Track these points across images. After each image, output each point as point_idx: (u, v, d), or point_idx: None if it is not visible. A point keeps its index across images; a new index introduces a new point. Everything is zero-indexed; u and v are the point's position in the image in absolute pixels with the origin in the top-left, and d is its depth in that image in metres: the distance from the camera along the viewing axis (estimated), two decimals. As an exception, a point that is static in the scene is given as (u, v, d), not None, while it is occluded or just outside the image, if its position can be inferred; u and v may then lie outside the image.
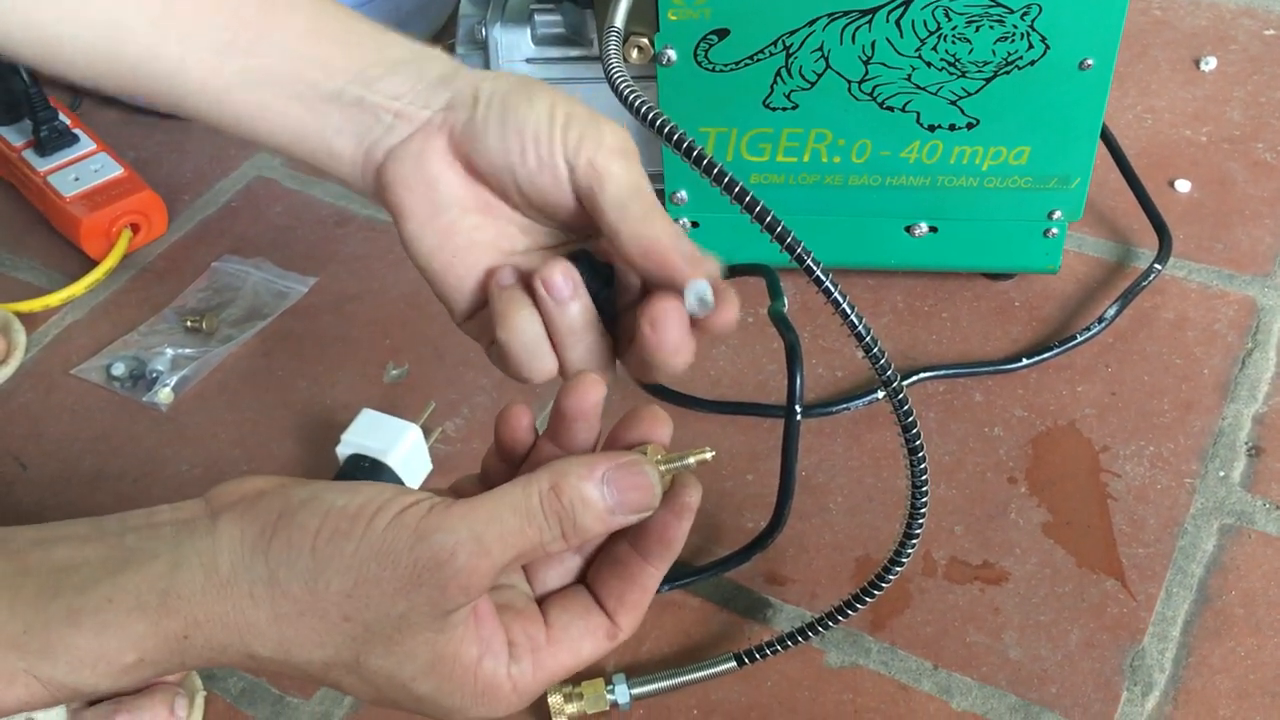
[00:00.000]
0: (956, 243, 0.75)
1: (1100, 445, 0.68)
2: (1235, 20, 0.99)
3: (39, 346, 0.79)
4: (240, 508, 0.41)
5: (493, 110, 0.47)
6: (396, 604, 0.38)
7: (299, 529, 0.39)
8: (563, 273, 0.46)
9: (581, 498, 0.40)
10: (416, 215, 0.48)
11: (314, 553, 0.38)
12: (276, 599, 0.39)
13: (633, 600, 0.44)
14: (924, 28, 0.65)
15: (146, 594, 0.39)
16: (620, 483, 0.41)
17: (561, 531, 0.40)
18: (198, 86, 0.49)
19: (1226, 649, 0.59)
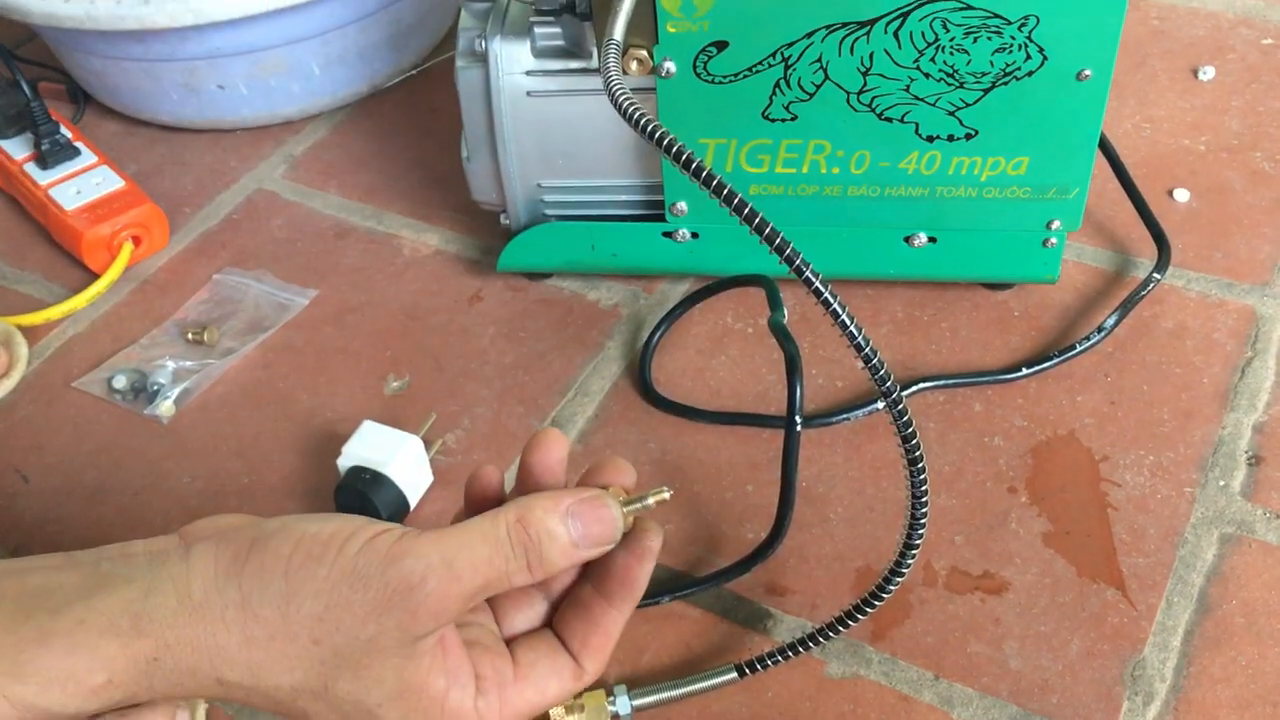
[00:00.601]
0: (955, 253, 0.75)
1: (1100, 455, 0.68)
2: (1233, 30, 0.99)
3: (41, 359, 0.79)
4: (215, 538, 0.41)
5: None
6: (366, 627, 0.39)
7: (272, 554, 0.39)
8: None
9: (547, 530, 0.41)
10: None
11: (286, 577, 0.39)
12: (248, 622, 0.39)
13: (596, 644, 0.45)
14: (922, 39, 0.65)
15: (119, 616, 0.39)
16: (584, 516, 0.42)
17: (527, 562, 0.41)
18: None
19: (1227, 658, 0.59)
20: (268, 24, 0.88)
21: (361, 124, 0.97)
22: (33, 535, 0.69)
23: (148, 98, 0.95)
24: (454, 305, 0.81)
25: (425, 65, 1.01)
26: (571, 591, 0.47)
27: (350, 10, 0.92)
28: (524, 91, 0.73)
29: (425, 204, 0.89)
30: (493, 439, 0.72)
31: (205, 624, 0.39)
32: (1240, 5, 1.01)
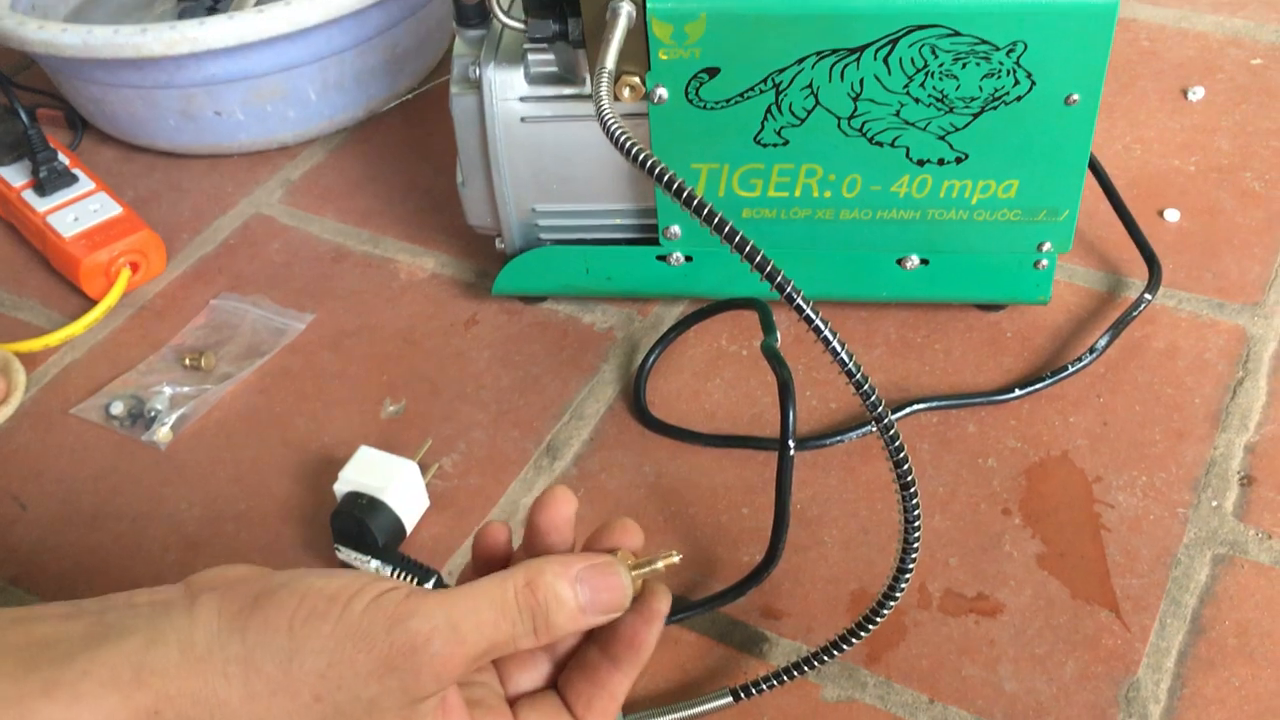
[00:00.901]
0: (948, 275, 0.76)
1: (1093, 476, 0.69)
2: (1222, 50, 1.00)
3: (38, 386, 0.80)
4: (220, 590, 0.41)
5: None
6: (369, 687, 0.39)
7: (277, 609, 0.39)
8: None
9: (556, 595, 0.41)
10: None
11: (290, 632, 0.39)
12: (250, 677, 0.39)
13: (601, 706, 0.45)
14: (911, 65, 0.66)
15: (121, 668, 0.39)
16: (594, 582, 0.42)
17: (534, 626, 0.41)
18: None
19: (1221, 680, 0.59)
20: (264, 51, 0.89)
21: (357, 149, 0.98)
22: (30, 562, 0.69)
23: (145, 124, 0.95)
24: (450, 329, 0.81)
25: (420, 90, 1.01)
26: (577, 653, 0.47)
27: (346, 37, 0.92)
28: (518, 117, 0.73)
29: (421, 228, 0.89)
30: (488, 463, 0.72)
31: (207, 677, 0.39)
32: (1229, 25, 1.02)
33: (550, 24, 0.69)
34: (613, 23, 0.65)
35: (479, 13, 0.74)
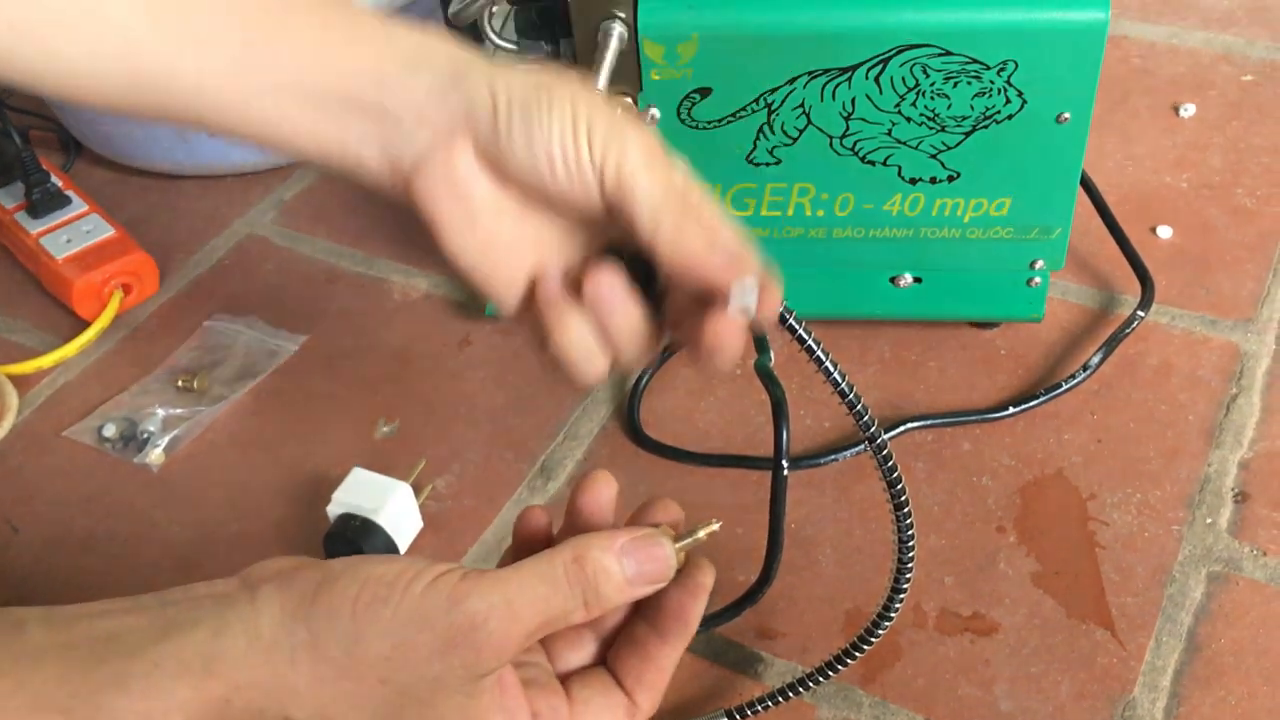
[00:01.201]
0: (941, 293, 0.76)
1: (1088, 493, 0.69)
2: (1213, 66, 1.00)
3: (31, 408, 0.80)
4: (279, 580, 0.42)
5: (515, 122, 0.45)
6: (432, 666, 0.40)
7: (339, 595, 0.40)
8: (608, 280, 0.46)
9: (603, 567, 0.42)
10: (453, 226, 0.47)
11: (354, 617, 0.40)
12: (317, 662, 0.40)
13: (650, 679, 0.46)
14: (903, 84, 0.66)
15: (191, 658, 0.40)
16: (638, 554, 0.43)
17: (584, 600, 0.42)
18: (219, 103, 0.48)
19: (1217, 698, 0.59)
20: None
21: (351, 169, 0.98)
22: (23, 585, 0.69)
23: (138, 145, 0.95)
24: (443, 350, 0.81)
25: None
26: (624, 629, 0.48)
27: (339, 57, 0.92)
28: (511, 138, 0.73)
29: (415, 248, 0.89)
30: (482, 483, 0.72)
31: (274, 665, 0.40)
32: (1220, 42, 1.03)
33: (542, 45, 0.69)
34: (604, 44, 0.65)
35: (472, 34, 0.74)
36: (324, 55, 0.47)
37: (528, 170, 0.46)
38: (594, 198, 0.46)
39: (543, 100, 0.45)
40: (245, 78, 0.47)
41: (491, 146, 0.46)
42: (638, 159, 0.45)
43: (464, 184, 0.47)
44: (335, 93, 0.47)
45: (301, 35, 0.48)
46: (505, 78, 0.46)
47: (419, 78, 0.47)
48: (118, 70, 0.47)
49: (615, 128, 0.45)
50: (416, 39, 0.48)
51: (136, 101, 0.49)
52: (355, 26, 0.49)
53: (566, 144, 0.45)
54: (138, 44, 0.47)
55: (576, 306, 0.47)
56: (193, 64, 0.47)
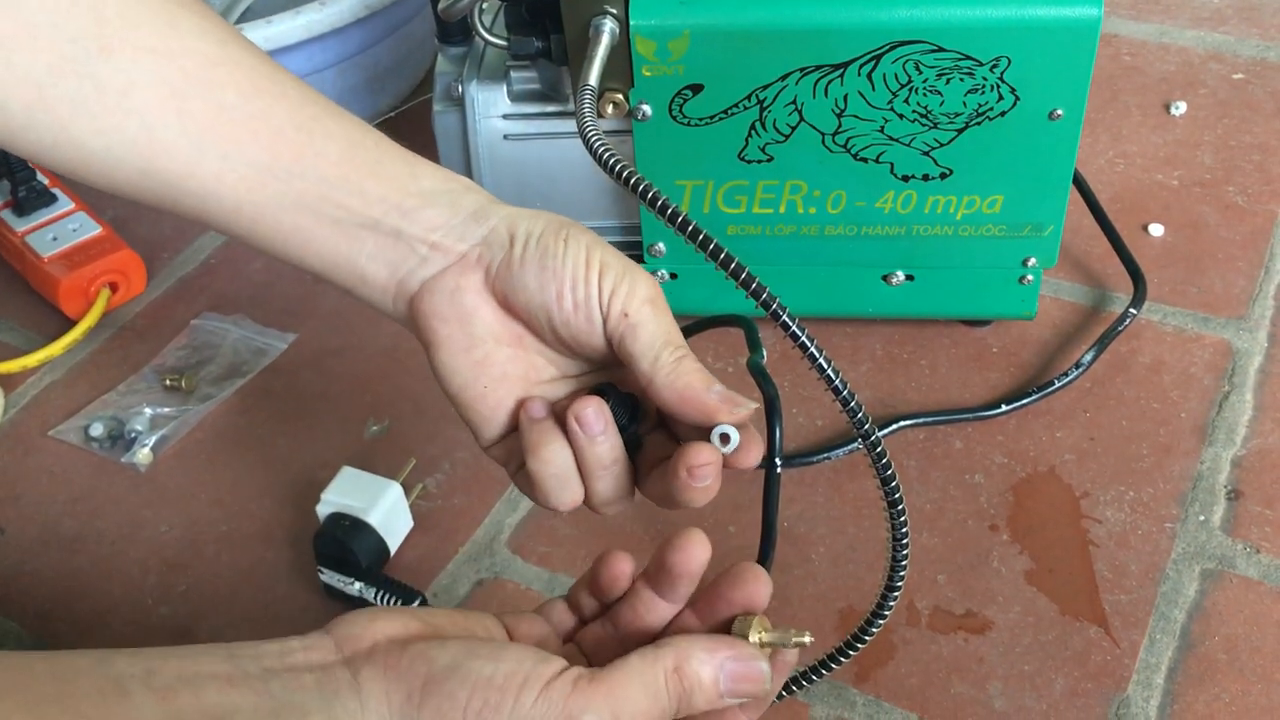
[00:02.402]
0: (933, 291, 0.75)
1: (1080, 491, 0.68)
2: (1204, 64, 1.00)
3: (17, 408, 0.79)
4: (381, 664, 0.42)
5: (530, 252, 0.48)
6: None
7: (448, 699, 0.40)
8: (594, 409, 0.48)
9: (699, 682, 0.43)
10: (450, 347, 0.49)
11: None
12: None
13: None
14: (895, 81, 0.66)
15: None
16: (736, 673, 0.44)
17: (677, 706, 0.43)
18: (232, 207, 0.49)
19: (1211, 695, 0.59)
20: (245, 69, 0.88)
21: (340, 167, 0.97)
22: (9, 585, 0.68)
23: (125, 143, 0.94)
24: (433, 348, 0.80)
25: (402, 109, 1.01)
26: None
27: (327, 55, 0.92)
28: (501, 135, 0.73)
29: (404, 246, 0.89)
30: (473, 483, 0.72)
31: None
32: (1211, 40, 1.03)
33: (533, 41, 0.69)
34: (596, 40, 0.65)
35: (462, 30, 0.74)
36: (350, 179, 0.49)
37: (535, 296, 0.48)
38: (596, 330, 0.48)
39: (560, 236, 0.48)
40: (267, 189, 0.49)
41: (504, 276, 0.48)
42: (643, 299, 0.48)
43: (469, 308, 0.49)
44: (356, 215, 0.49)
45: (330, 156, 0.49)
46: (528, 218, 0.49)
47: (438, 209, 0.49)
48: (133, 161, 0.48)
49: (625, 271, 0.48)
50: (443, 176, 0.51)
51: (146, 192, 0.49)
52: (382, 154, 0.51)
53: (578, 276, 0.48)
54: (160, 140, 0.48)
55: (559, 433, 0.49)
56: (214, 168, 0.48)
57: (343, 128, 0.50)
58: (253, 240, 0.50)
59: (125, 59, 0.47)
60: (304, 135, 0.49)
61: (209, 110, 0.48)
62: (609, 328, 0.48)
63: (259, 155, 0.48)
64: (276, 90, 0.49)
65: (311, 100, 0.50)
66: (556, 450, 0.48)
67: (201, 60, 0.48)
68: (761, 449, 0.50)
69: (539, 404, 0.50)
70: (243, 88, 0.49)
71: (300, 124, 0.49)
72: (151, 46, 0.47)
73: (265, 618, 0.65)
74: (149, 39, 0.47)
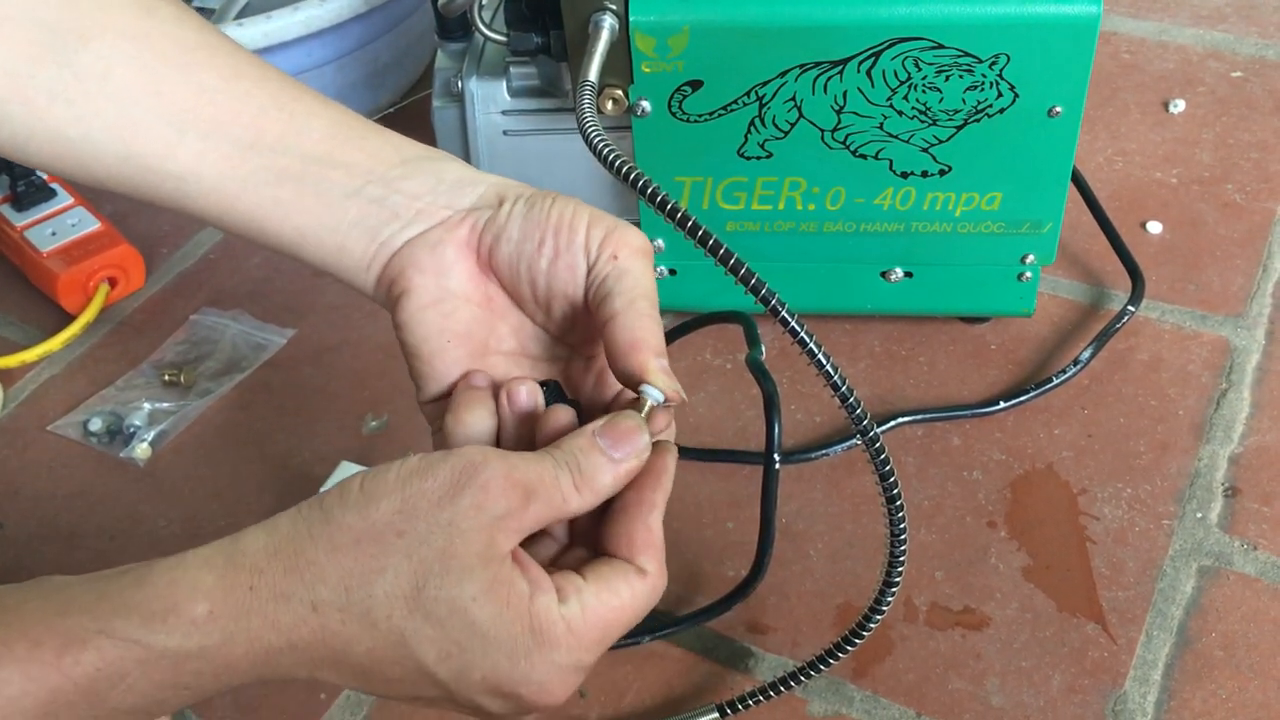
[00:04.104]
0: (931, 287, 0.75)
1: (1078, 488, 0.69)
2: (1203, 63, 1.00)
3: (16, 402, 0.79)
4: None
5: (518, 208, 0.49)
6: (443, 510, 0.41)
7: (346, 483, 0.42)
8: (527, 389, 0.48)
9: (580, 445, 0.44)
10: (420, 297, 0.49)
11: (361, 489, 0.42)
12: (333, 533, 0.41)
13: (643, 538, 0.46)
14: (894, 78, 0.66)
15: (213, 555, 0.42)
16: (611, 433, 0.45)
17: (573, 479, 0.43)
18: (212, 185, 0.49)
19: (1208, 691, 0.59)
20: (244, 64, 0.88)
21: (339, 162, 0.97)
22: (7, 580, 0.68)
23: (124, 138, 0.94)
24: (432, 344, 0.80)
25: (401, 105, 1.01)
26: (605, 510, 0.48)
27: (327, 50, 0.92)
28: (500, 130, 0.73)
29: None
30: (472, 478, 0.71)
31: (294, 546, 0.41)
32: (1209, 38, 1.03)
33: (533, 37, 0.69)
34: (595, 36, 0.65)
35: (461, 26, 0.74)
36: (334, 154, 0.50)
37: (517, 245, 0.48)
38: (577, 279, 0.48)
39: (548, 197, 0.49)
40: (249, 164, 0.49)
41: (489, 230, 0.49)
42: (636, 249, 0.48)
43: (447, 260, 0.49)
44: (340, 185, 0.49)
45: (313, 134, 0.50)
46: (516, 186, 0.50)
47: (424, 177, 0.50)
48: (112, 147, 0.48)
49: (617, 223, 0.49)
50: (426, 148, 0.52)
51: (123, 180, 0.50)
52: (366, 131, 0.51)
53: (562, 226, 0.48)
54: (139, 123, 0.48)
55: (489, 404, 0.49)
56: (195, 148, 0.48)
57: (326, 108, 0.51)
58: (228, 220, 0.50)
59: (104, 45, 0.47)
60: (286, 114, 0.49)
61: (189, 92, 0.48)
62: (593, 272, 0.48)
63: (242, 134, 0.49)
64: (257, 75, 0.50)
65: (293, 85, 0.51)
66: (479, 416, 0.48)
67: (179, 45, 0.48)
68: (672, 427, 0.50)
69: (481, 375, 0.50)
70: (223, 71, 0.49)
71: (282, 104, 0.49)
72: (129, 32, 0.47)
73: (264, 612, 0.65)
74: (126, 25, 0.47)
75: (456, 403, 0.49)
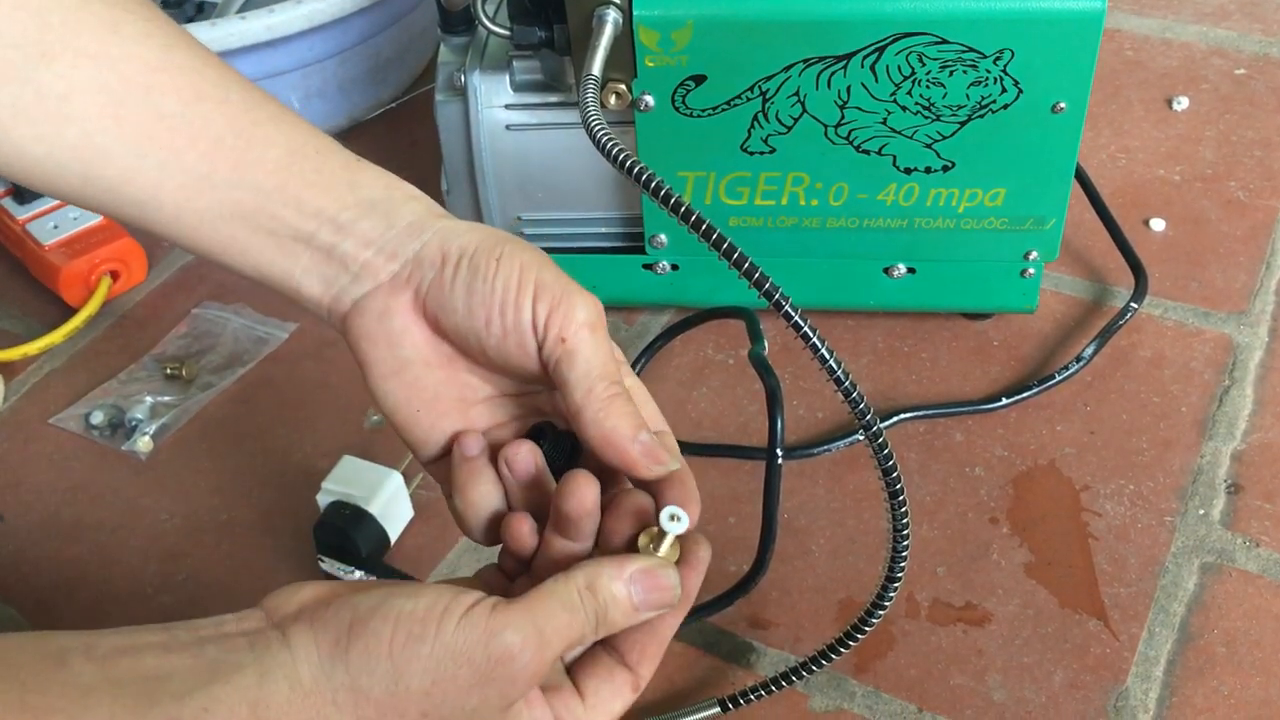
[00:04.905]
0: (934, 284, 0.75)
1: (1080, 484, 0.68)
2: (1206, 60, 1.00)
3: (18, 395, 0.79)
4: (307, 617, 0.42)
5: (461, 273, 0.47)
6: (470, 698, 0.41)
7: (374, 636, 0.41)
8: (525, 454, 0.48)
9: (612, 596, 0.44)
10: (380, 369, 0.49)
11: (391, 657, 0.41)
12: (359, 704, 0.41)
13: (652, 651, 0.47)
14: (898, 73, 0.66)
15: (237, 705, 0.40)
16: (645, 583, 0.45)
17: (596, 624, 0.44)
18: (171, 216, 0.49)
19: (1209, 688, 0.59)
20: (246, 59, 0.88)
21: (341, 157, 0.97)
22: (9, 573, 0.68)
23: (126, 132, 0.94)
24: (434, 338, 0.80)
25: (404, 99, 1.01)
26: None
27: (329, 44, 0.92)
28: (503, 125, 0.73)
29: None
30: (473, 473, 0.71)
31: (318, 707, 0.41)
32: (1213, 35, 1.03)
33: (536, 31, 0.69)
34: (599, 30, 0.65)
35: (464, 20, 0.74)
36: (287, 188, 0.48)
37: (463, 321, 0.47)
38: (529, 354, 0.47)
39: (492, 257, 0.47)
40: (204, 198, 0.48)
41: (434, 297, 0.48)
42: (581, 324, 0.47)
43: (397, 330, 0.48)
44: (290, 228, 0.48)
45: (267, 165, 0.48)
46: (462, 235, 0.48)
47: (374, 220, 0.48)
48: (74, 167, 0.48)
49: (563, 293, 0.47)
50: (384, 183, 0.50)
51: (89, 199, 0.49)
52: (322, 162, 0.49)
53: (507, 303, 0.47)
54: (98, 146, 0.47)
55: (489, 473, 0.49)
56: (153, 176, 0.48)
57: (284, 134, 0.49)
58: (194, 248, 0.50)
59: (65, 64, 0.46)
60: (243, 142, 0.48)
61: (148, 118, 0.47)
62: (544, 352, 0.47)
63: (197, 164, 0.48)
64: (219, 96, 0.49)
65: (256, 105, 0.50)
66: (484, 492, 0.48)
67: (142, 66, 0.47)
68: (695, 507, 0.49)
69: (473, 441, 0.49)
70: (184, 94, 0.48)
71: (240, 130, 0.48)
72: (92, 52, 0.47)
73: (265, 606, 0.65)
74: (90, 44, 0.47)
75: (458, 482, 0.49)
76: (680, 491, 0.48)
